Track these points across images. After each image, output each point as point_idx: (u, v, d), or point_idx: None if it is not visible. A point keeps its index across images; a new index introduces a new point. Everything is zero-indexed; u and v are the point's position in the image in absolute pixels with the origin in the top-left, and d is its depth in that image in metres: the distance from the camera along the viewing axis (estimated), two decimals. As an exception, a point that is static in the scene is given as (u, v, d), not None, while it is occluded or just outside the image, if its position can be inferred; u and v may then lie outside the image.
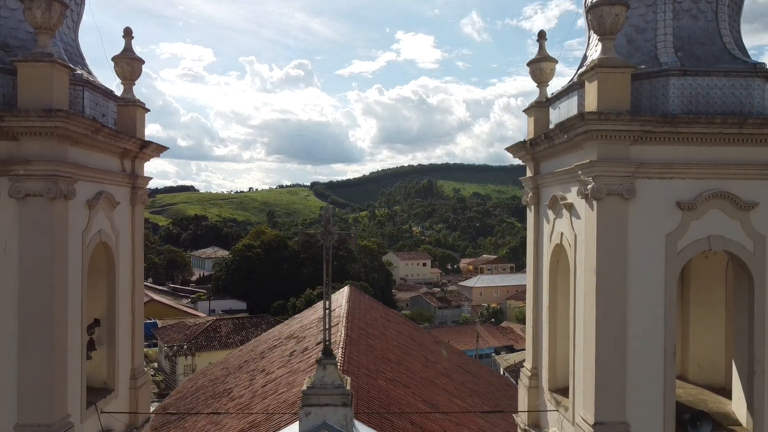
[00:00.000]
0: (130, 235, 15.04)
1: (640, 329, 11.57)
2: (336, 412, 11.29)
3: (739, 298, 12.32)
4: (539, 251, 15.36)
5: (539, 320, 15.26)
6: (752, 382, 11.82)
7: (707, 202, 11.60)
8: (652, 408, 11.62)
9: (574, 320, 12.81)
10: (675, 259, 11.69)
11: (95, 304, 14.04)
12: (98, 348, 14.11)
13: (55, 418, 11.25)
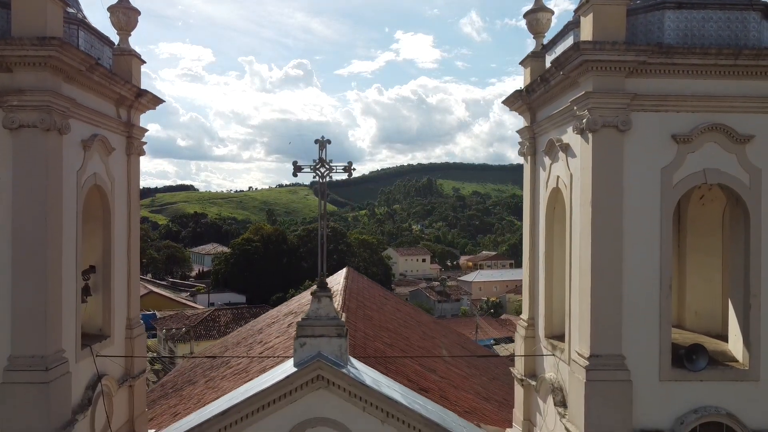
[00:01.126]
0: (126, 185, 15.01)
1: (635, 262, 11.55)
2: (330, 343, 11.26)
3: (735, 232, 12.30)
4: (535, 201, 15.34)
5: (536, 270, 15.23)
6: (748, 315, 11.80)
7: (703, 135, 11.57)
8: (648, 341, 11.60)
9: (571, 260, 12.79)
10: (670, 193, 11.66)
11: (91, 251, 14.01)
12: (93, 294, 14.06)
13: (49, 350, 11.22)
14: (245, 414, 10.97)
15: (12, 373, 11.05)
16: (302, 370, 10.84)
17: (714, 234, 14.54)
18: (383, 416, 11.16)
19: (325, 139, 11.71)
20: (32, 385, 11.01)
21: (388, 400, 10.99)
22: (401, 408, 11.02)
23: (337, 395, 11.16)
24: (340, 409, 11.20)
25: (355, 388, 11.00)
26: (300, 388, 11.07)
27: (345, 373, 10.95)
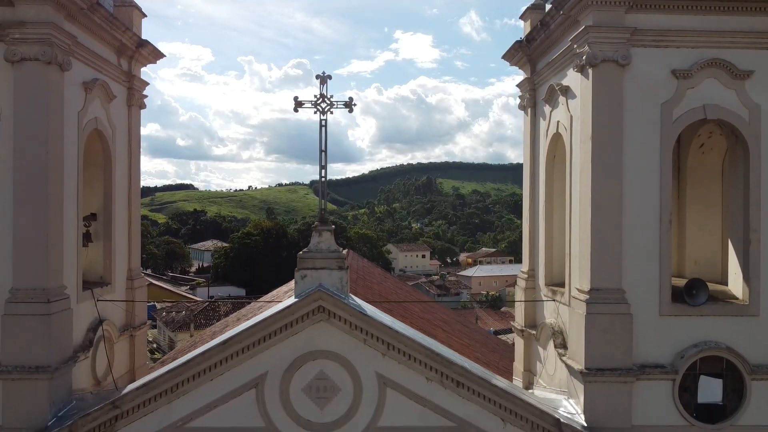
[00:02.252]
0: (127, 135, 15.04)
1: (635, 197, 11.58)
2: (331, 275, 11.27)
3: (735, 170, 12.34)
4: (535, 153, 15.36)
5: (536, 220, 15.25)
6: (748, 251, 11.83)
7: (702, 70, 11.61)
8: (648, 276, 11.62)
9: (571, 201, 12.82)
10: (670, 128, 11.70)
11: (92, 199, 14.02)
12: (94, 242, 14.08)
13: (51, 283, 11.23)
14: (246, 345, 10.97)
15: (14, 305, 11.06)
16: (303, 300, 10.84)
17: (714, 184, 14.53)
18: (384, 348, 11.17)
19: (326, 75, 11.73)
20: (34, 317, 11.02)
21: (389, 330, 11.00)
22: (402, 338, 11.04)
23: (338, 328, 11.17)
24: (341, 342, 11.20)
25: (356, 318, 11.01)
26: (301, 320, 11.07)
27: (346, 302, 10.96)
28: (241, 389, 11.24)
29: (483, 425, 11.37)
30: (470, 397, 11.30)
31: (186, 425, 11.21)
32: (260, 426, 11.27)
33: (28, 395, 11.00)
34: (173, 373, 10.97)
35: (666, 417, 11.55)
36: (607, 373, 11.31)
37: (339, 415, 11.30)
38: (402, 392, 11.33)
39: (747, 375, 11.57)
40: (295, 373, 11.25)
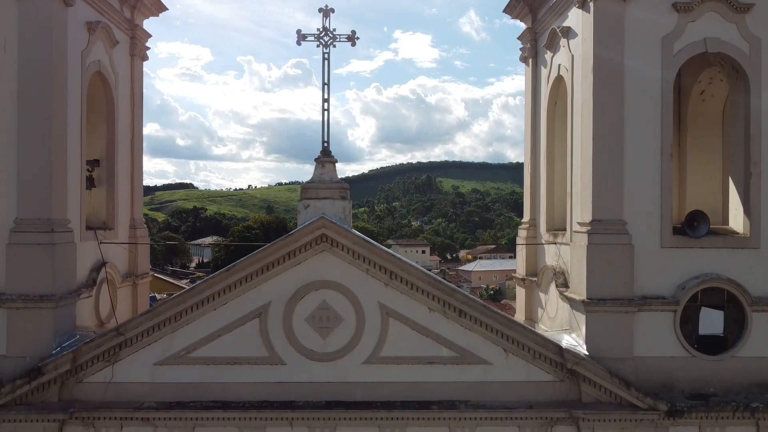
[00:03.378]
0: (130, 85, 15.09)
1: (636, 129, 11.64)
2: (334, 205, 11.31)
3: (735, 107, 12.38)
4: (537, 101, 15.41)
5: (537, 170, 15.30)
6: (749, 184, 11.89)
7: (703, 4, 11.66)
8: (650, 207, 11.68)
9: (572, 142, 12.87)
10: (671, 61, 11.76)
11: (95, 145, 14.07)
12: (97, 187, 14.13)
13: (55, 215, 11.29)
14: (249, 273, 11.00)
15: (18, 235, 11.12)
16: (306, 227, 10.86)
17: (714, 132, 14.60)
18: (387, 278, 11.20)
19: (328, 8, 11.78)
20: (38, 246, 11.08)
21: (392, 257, 11.03)
22: (405, 266, 11.07)
23: (341, 258, 11.20)
24: (343, 272, 11.23)
25: (359, 246, 11.03)
26: (304, 249, 11.11)
27: (348, 229, 11.00)
28: (244, 319, 11.28)
29: (485, 355, 11.42)
30: (472, 326, 11.34)
31: (189, 354, 11.26)
32: (263, 356, 11.31)
33: (32, 324, 11.06)
34: (177, 300, 11.02)
35: (667, 348, 11.60)
36: (609, 303, 11.36)
37: (341, 345, 11.34)
38: (404, 322, 11.37)
39: (748, 306, 11.62)
40: (298, 303, 11.29)
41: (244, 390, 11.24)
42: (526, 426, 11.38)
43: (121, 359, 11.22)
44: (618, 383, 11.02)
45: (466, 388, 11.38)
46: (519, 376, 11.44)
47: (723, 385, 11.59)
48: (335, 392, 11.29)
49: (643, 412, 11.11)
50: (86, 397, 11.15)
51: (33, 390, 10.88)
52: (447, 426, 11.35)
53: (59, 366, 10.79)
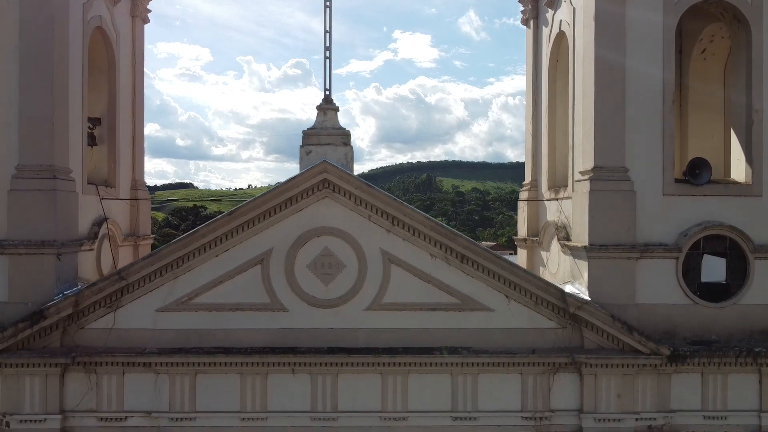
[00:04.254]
0: (131, 45, 15.09)
1: (638, 76, 11.62)
2: (336, 151, 11.31)
3: (737, 54, 12.37)
4: (538, 61, 15.41)
5: (538, 131, 15.28)
6: (750, 132, 11.89)
7: (705, -50, 11.66)
8: (652, 155, 11.67)
9: (574, 95, 12.87)
10: (673, 8, 11.74)
11: (96, 104, 14.07)
12: (99, 145, 14.13)
13: (57, 161, 11.29)
14: (251, 218, 10.97)
15: (20, 181, 11.12)
16: (308, 171, 10.82)
17: (715, 89, 14.60)
18: (389, 224, 11.19)
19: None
20: (40, 192, 11.08)
21: (394, 202, 10.99)
22: (407, 211, 11.04)
23: (343, 204, 11.17)
24: (345, 218, 11.20)
25: (361, 191, 11.00)
26: (305, 195, 11.08)
27: (350, 174, 10.98)
28: (246, 265, 11.27)
29: (487, 302, 11.41)
30: (474, 273, 11.34)
31: (191, 301, 11.26)
32: (265, 302, 11.31)
33: (34, 270, 11.04)
34: (179, 244, 11.02)
35: (670, 295, 11.59)
36: (611, 249, 11.36)
37: (343, 291, 11.34)
38: (406, 269, 11.36)
39: (750, 254, 11.61)
40: (300, 250, 11.29)
41: (246, 336, 11.23)
42: (529, 373, 11.37)
43: (123, 305, 11.21)
44: (620, 327, 11.01)
45: (468, 334, 11.36)
46: (521, 322, 11.43)
47: (725, 333, 11.58)
48: (337, 339, 11.29)
49: (645, 357, 11.10)
50: (88, 343, 11.15)
51: (35, 335, 10.87)
52: (449, 373, 11.35)
53: (61, 310, 10.77)
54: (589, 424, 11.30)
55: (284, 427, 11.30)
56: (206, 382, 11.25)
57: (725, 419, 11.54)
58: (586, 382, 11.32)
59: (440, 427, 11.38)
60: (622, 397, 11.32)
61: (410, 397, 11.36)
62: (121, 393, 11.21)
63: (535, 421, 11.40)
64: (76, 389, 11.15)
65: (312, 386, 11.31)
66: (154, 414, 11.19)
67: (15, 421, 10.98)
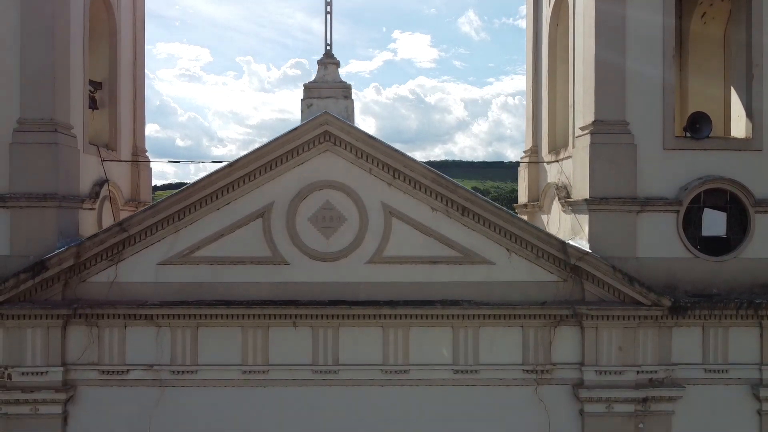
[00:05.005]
0: (132, 10, 15.11)
1: (638, 29, 11.62)
2: (337, 104, 11.31)
3: (737, 15, 12.38)
4: (538, 29, 15.43)
5: (539, 95, 15.28)
6: (751, 87, 11.89)
7: None
8: (652, 109, 11.68)
9: (575, 54, 12.88)
10: (673, -40, 11.76)
11: (97, 68, 14.08)
12: (100, 109, 14.15)
13: (58, 116, 11.30)
14: (252, 170, 10.95)
15: (21, 134, 11.13)
16: (310, 122, 10.81)
17: (716, 53, 14.63)
18: (390, 178, 11.18)
19: None
20: (41, 145, 11.10)
21: (396, 153, 10.97)
22: (409, 162, 11.03)
23: (344, 157, 11.17)
24: (347, 171, 11.20)
25: (362, 143, 11.00)
26: (307, 148, 11.08)
27: (351, 125, 10.99)
28: (247, 219, 11.28)
29: (488, 255, 11.42)
30: (475, 226, 11.34)
31: (193, 254, 11.26)
32: (267, 256, 11.32)
33: (35, 223, 11.07)
34: (180, 195, 11.02)
35: (670, 249, 11.60)
36: (612, 202, 11.38)
37: (345, 245, 11.35)
38: (407, 222, 11.37)
39: (751, 207, 11.62)
40: (301, 203, 11.30)
41: (247, 290, 11.23)
42: (530, 326, 11.38)
43: (125, 259, 11.22)
44: (621, 278, 11.02)
45: (469, 288, 11.37)
46: (522, 276, 11.44)
47: (726, 287, 11.59)
48: (338, 292, 11.29)
49: (646, 309, 11.11)
50: (89, 296, 11.15)
51: (36, 286, 10.88)
52: (450, 326, 11.36)
53: (63, 261, 10.78)
54: (590, 377, 11.31)
55: (285, 380, 11.32)
56: (208, 335, 11.27)
57: (726, 372, 11.57)
58: (587, 335, 11.34)
59: (441, 380, 11.39)
60: (623, 350, 11.34)
61: (411, 350, 11.37)
62: (123, 346, 11.22)
63: (536, 375, 11.41)
64: (77, 343, 11.17)
65: (313, 340, 11.32)
66: (155, 367, 11.21)
67: (17, 374, 11.00)
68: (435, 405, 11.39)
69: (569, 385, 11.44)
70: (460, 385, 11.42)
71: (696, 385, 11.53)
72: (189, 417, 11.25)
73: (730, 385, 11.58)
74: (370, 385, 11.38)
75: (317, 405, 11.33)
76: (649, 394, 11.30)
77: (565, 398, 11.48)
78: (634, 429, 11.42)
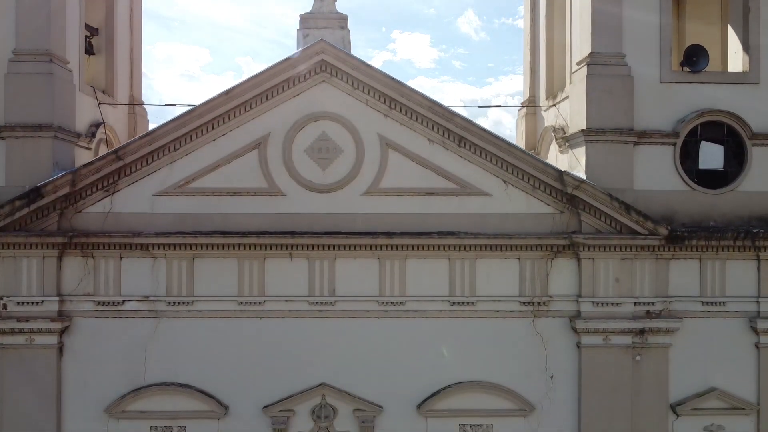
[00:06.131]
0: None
1: (635, -37, 11.61)
2: (334, 33, 11.25)
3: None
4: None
5: (536, 41, 15.24)
6: (748, 20, 11.86)
7: None
8: (649, 42, 11.64)
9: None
10: None
11: (93, 14, 14.04)
12: (97, 54, 14.12)
13: (54, 47, 11.27)
14: (248, 100, 10.92)
15: (17, 64, 11.11)
16: (306, 50, 10.78)
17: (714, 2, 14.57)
18: (386, 109, 11.13)
19: None
20: (37, 75, 11.09)
21: (392, 81, 10.93)
22: (405, 91, 10.97)
23: (340, 89, 11.14)
24: (343, 103, 11.15)
25: (359, 72, 10.94)
26: (303, 79, 11.03)
27: (347, 53, 10.94)
28: (243, 150, 11.26)
29: (484, 187, 11.38)
30: (472, 157, 11.31)
31: (189, 185, 11.24)
32: (263, 187, 11.29)
33: (31, 153, 11.06)
34: (177, 123, 10.96)
35: (668, 182, 11.58)
36: (609, 133, 11.36)
37: (341, 176, 11.32)
38: (404, 154, 11.35)
39: (748, 140, 11.59)
40: (298, 134, 11.27)
41: (243, 221, 11.20)
42: (527, 258, 11.35)
43: (120, 189, 11.19)
44: (618, 207, 10.99)
45: (466, 220, 11.33)
46: (519, 208, 11.41)
47: (723, 220, 11.55)
48: (335, 223, 11.25)
49: (643, 238, 11.07)
50: (85, 227, 11.10)
51: (32, 215, 10.84)
52: (447, 258, 11.32)
53: (58, 188, 10.74)
54: (587, 309, 11.29)
55: (282, 312, 11.29)
56: (204, 266, 11.25)
57: (724, 306, 11.55)
58: (584, 267, 11.31)
59: (437, 312, 11.36)
60: (620, 282, 11.31)
61: (408, 282, 11.35)
62: (119, 278, 11.20)
63: (533, 307, 11.38)
64: (73, 274, 11.15)
65: (310, 271, 11.30)
66: (151, 298, 11.19)
67: (12, 303, 10.98)
68: (431, 337, 11.36)
69: (566, 318, 11.41)
70: (456, 317, 11.39)
71: (693, 318, 11.51)
72: (184, 348, 11.22)
73: (727, 318, 11.56)
74: (366, 317, 11.35)
75: (313, 337, 11.30)
76: (646, 326, 11.27)
77: (562, 331, 11.45)
78: (631, 362, 11.39)
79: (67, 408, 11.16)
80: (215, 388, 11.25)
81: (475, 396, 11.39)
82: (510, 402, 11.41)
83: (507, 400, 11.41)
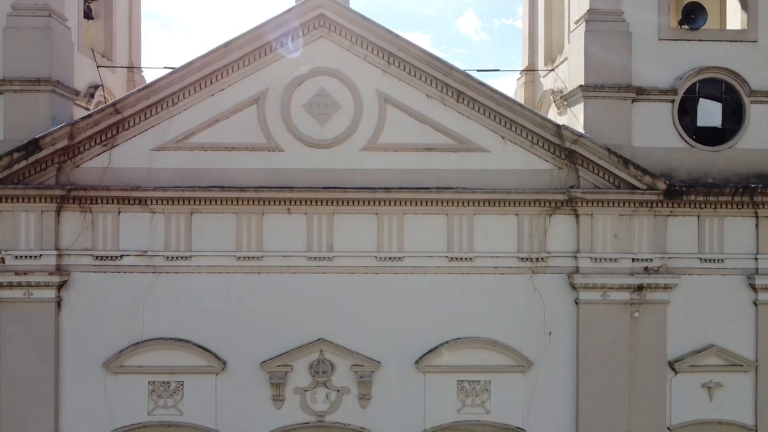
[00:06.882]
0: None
1: None
2: (332, -8, 11.28)
3: None
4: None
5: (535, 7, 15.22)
6: (745, -22, 11.87)
7: None
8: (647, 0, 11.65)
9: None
10: None
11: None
12: (96, 19, 14.11)
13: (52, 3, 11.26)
14: (247, 54, 10.88)
15: (15, 19, 11.11)
16: (304, 3, 10.79)
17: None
18: (385, 64, 11.13)
19: None
20: (35, 30, 11.09)
21: (390, 35, 10.90)
22: (404, 45, 10.94)
23: (339, 44, 11.13)
24: (341, 58, 11.14)
25: (357, 26, 10.90)
26: (301, 33, 11.04)
27: (346, 7, 10.91)
28: (241, 105, 11.25)
29: (483, 143, 11.38)
30: (470, 113, 11.31)
31: (187, 140, 11.23)
32: (261, 142, 11.29)
33: (29, 107, 11.08)
34: (175, 76, 10.95)
35: (666, 139, 11.59)
36: (607, 89, 11.38)
37: (339, 132, 11.31)
38: (402, 109, 11.35)
39: (746, 97, 11.60)
40: (296, 90, 11.27)
41: (242, 176, 11.20)
42: (525, 214, 11.36)
43: (118, 144, 11.18)
44: (616, 161, 11.00)
45: (464, 175, 11.33)
46: (517, 164, 11.41)
47: (721, 177, 11.55)
48: (333, 179, 11.25)
49: (641, 193, 11.08)
50: (84, 181, 11.10)
51: (30, 168, 10.84)
52: (445, 213, 11.33)
53: (56, 140, 10.74)
54: (585, 264, 11.30)
55: (280, 267, 11.29)
56: (202, 222, 11.25)
57: (722, 263, 11.56)
58: (582, 223, 11.32)
59: (436, 267, 11.36)
60: (618, 238, 11.32)
61: (406, 238, 11.35)
62: (117, 232, 11.21)
63: (531, 263, 11.39)
64: (71, 228, 11.15)
65: (308, 226, 11.30)
66: (149, 253, 11.19)
67: (10, 257, 10.98)
68: (429, 293, 11.36)
69: (564, 274, 11.41)
70: (454, 273, 11.38)
71: (692, 275, 11.52)
72: (182, 303, 11.22)
73: (726, 275, 11.57)
74: (364, 273, 11.35)
75: (311, 292, 11.29)
76: (644, 282, 11.27)
77: (560, 287, 11.45)
78: (629, 318, 11.39)
79: (65, 362, 11.15)
80: (213, 344, 11.25)
81: (473, 352, 11.38)
82: (508, 358, 11.41)
83: (505, 357, 11.41)
